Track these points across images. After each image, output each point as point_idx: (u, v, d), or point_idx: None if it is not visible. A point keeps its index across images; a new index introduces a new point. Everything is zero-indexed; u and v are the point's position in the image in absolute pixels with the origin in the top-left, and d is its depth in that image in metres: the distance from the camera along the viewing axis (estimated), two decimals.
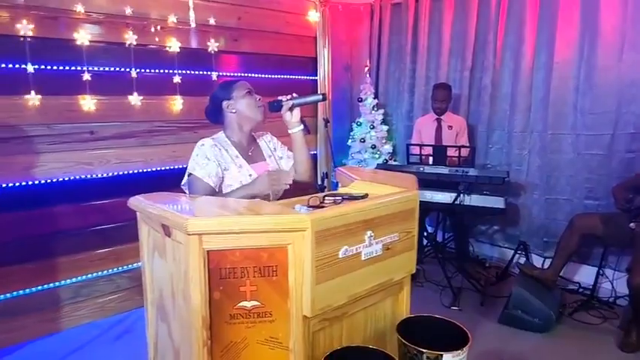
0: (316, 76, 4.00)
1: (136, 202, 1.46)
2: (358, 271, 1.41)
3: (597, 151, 3.26)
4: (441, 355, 1.31)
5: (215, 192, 1.77)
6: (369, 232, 1.41)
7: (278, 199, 1.74)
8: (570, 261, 3.10)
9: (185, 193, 1.87)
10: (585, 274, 3.31)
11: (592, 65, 3.25)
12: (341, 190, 1.81)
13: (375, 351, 1.37)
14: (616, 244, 2.98)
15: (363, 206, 1.40)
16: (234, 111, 1.88)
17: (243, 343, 1.31)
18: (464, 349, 1.34)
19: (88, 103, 2.73)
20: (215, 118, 1.94)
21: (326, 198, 1.52)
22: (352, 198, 1.53)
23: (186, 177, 1.85)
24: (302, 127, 1.90)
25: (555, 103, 3.43)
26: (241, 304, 1.29)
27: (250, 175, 1.84)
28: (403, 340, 1.37)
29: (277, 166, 1.98)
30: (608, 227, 2.83)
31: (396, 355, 1.40)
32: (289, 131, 1.91)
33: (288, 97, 1.85)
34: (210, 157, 1.78)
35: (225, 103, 1.88)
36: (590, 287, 3.17)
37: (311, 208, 1.39)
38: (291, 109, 1.85)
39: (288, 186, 1.73)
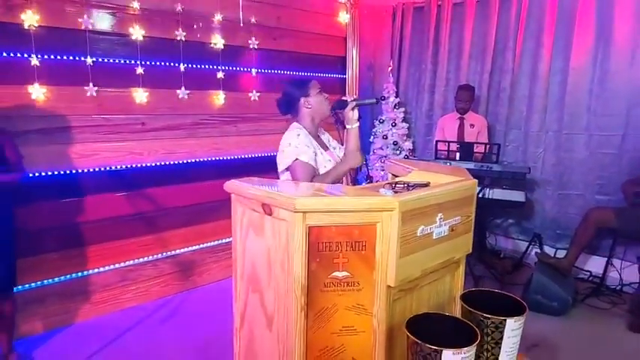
0: (344, 74, 4.19)
1: (233, 185, 1.64)
2: (430, 249, 1.60)
3: (609, 150, 3.51)
4: (505, 320, 1.51)
5: (317, 173, 2.03)
6: (439, 215, 1.61)
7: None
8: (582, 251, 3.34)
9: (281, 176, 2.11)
10: (595, 264, 3.55)
11: (605, 70, 3.49)
12: (403, 179, 2.00)
13: (448, 317, 1.57)
14: (628, 235, 3.23)
15: (436, 191, 1.59)
16: (309, 106, 2.13)
17: (334, 308, 1.50)
18: (523, 314, 1.54)
19: (140, 95, 2.89)
20: (287, 110, 2.19)
21: (397, 185, 1.71)
22: (419, 185, 1.71)
23: (288, 164, 2.05)
24: (358, 124, 2.16)
25: (570, 105, 3.67)
26: (334, 274, 1.48)
27: (329, 160, 2.09)
28: (469, 308, 1.57)
29: (336, 155, 2.24)
30: (621, 220, 3.07)
31: None
32: (348, 126, 2.15)
33: (351, 98, 2.10)
34: (308, 145, 2.04)
35: (302, 100, 2.13)
36: (600, 276, 3.42)
37: (392, 192, 1.58)
38: (353, 108, 2.10)
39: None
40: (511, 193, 3.40)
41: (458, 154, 3.43)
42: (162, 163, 3.08)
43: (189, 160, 3.20)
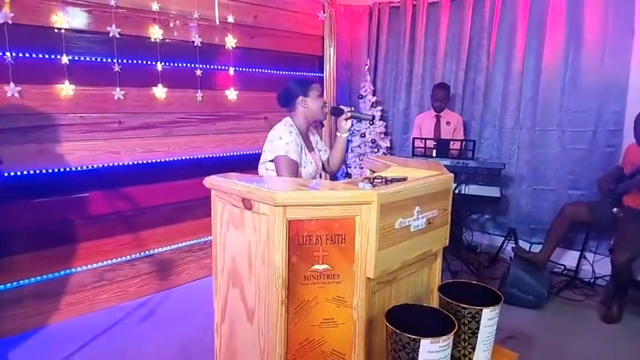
0: (322, 73, 4.21)
1: (213, 180, 1.63)
2: (408, 241, 1.63)
3: (581, 146, 3.62)
4: (481, 309, 1.55)
5: (299, 174, 2.11)
6: (417, 208, 1.64)
7: None
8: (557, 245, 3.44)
9: (260, 171, 2.18)
10: (569, 258, 3.66)
11: (576, 68, 3.61)
12: (382, 174, 2.03)
13: (426, 308, 1.60)
14: (601, 228, 3.34)
15: (414, 185, 1.63)
16: (305, 106, 2.20)
17: (314, 301, 1.52)
18: (499, 304, 1.59)
19: (117, 93, 2.84)
20: (284, 104, 2.26)
21: (375, 179, 1.74)
22: (396, 180, 1.74)
23: (275, 156, 2.11)
24: (349, 133, 2.32)
25: (543, 102, 3.77)
26: (314, 267, 1.50)
27: (311, 162, 2.16)
28: (447, 299, 1.60)
29: (318, 157, 2.32)
30: (594, 214, 3.18)
31: None
32: (338, 134, 2.30)
33: (348, 108, 2.24)
34: (298, 144, 2.12)
35: (301, 98, 2.20)
36: (574, 269, 3.53)
37: (371, 186, 1.61)
38: (347, 118, 2.23)
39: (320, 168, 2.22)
40: (486, 188, 3.47)
41: (434, 151, 3.50)
42: (140, 162, 3.04)
43: (166, 159, 3.17)
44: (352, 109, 2.29)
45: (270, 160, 2.16)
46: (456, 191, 3.41)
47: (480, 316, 1.56)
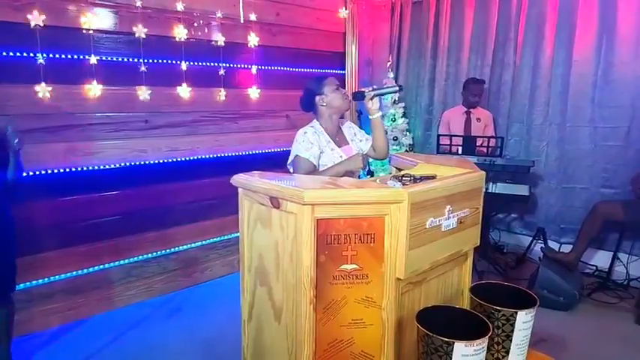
0: (344, 70, 4.18)
1: (241, 178, 1.63)
2: (439, 241, 1.59)
3: (614, 143, 3.49)
4: (516, 312, 1.50)
5: (315, 169, 2.08)
6: (448, 207, 1.60)
7: None
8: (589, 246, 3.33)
9: (289, 172, 2.15)
10: (601, 258, 3.54)
11: (609, 62, 3.47)
12: (410, 171, 1.99)
13: (458, 310, 1.56)
14: (636, 228, 3.21)
15: (446, 183, 1.58)
16: (325, 104, 2.17)
17: (343, 301, 1.49)
18: (534, 307, 1.53)
19: (143, 93, 2.87)
20: (308, 108, 2.24)
21: (404, 177, 1.70)
22: (426, 178, 1.70)
23: (291, 158, 2.14)
24: (381, 113, 2.22)
25: (574, 97, 3.65)
26: (343, 266, 1.47)
27: (341, 157, 2.12)
28: (479, 301, 1.56)
29: (358, 149, 2.28)
30: (629, 213, 3.05)
31: None
32: (370, 117, 2.20)
33: (369, 88, 2.15)
34: (312, 142, 2.09)
35: (317, 98, 2.17)
36: (606, 270, 3.40)
37: (401, 184, 1.57)
38: (372, 98, 2.13)
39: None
40: (515, 187, 3.38)
41: (460, 148, 3.42)
42: (165, 161, 3.07)
43: (190, 157, 3.20)
44: (373, 87, 2.19)
45: (290, 164, 2.18)
46: (483, 189, 3.33)
47: (515, 319, 1.50)
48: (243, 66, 3.42)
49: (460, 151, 3.43)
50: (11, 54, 2.43)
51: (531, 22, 3.84)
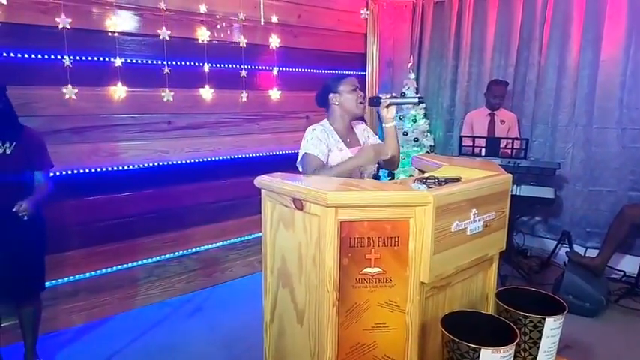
0: (364, 71, 4.16)
1: (264, 180, 1.63)
2: (464, 245, 1.56)
3: None
4: (544, 318, 1.46)
5: (324, 166, 2.01)
6: (473, 210, 1.57)
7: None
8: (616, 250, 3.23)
9: (299, 171, 2.10)
10: (629, 263, 3.43)
11: (638, 61, 3.38)
12: (434, 174, 1.96)
13: (484, 315, 1.53)
14: None
15: (472, 186, 1.56)
16: (337, 103, 2.11)
17: (366, 304, 1.48)
18: (563, 313, 1.49)
19: (166, 95, 2.91)
20: (322, 103, 2.19)
21: (428, 180, 1.68)
22: (451, 180, 1.67)
23: (301, 156, 2.09)
24: (395, 123, 2.13)
25: (600, 98, 3.56)
26: (366, 269, 1.46)
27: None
28: (506, 306, 1.52)
29: None
30: None
31: None
32: (384, 125, 2.13)
33: (388, 95, 2.06)
34: (321, 139, 2.04)
35: (331, 95, 2.11)
36: (635, 276, 3.30)
37: (426, 187, 1.55)
38: (388, 106, 2.06)
39: (388, 156, 2.03)
40: (540, 189, 3.30)
41: (484, 150, 3.36)
42: (187, 161, 3.11)
43: (212, 158, 3.23)
44: (392, 94, 2.11)
45: (299, 163, 2.12)
46: None
47: (543, 326, 1.47)
48: (264, 67, 3.43)
49: (483, 153, 3.37)
50: (39, 56, 2.49)
51: (557, 21, 3.76)
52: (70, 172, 2.64)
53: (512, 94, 4.08)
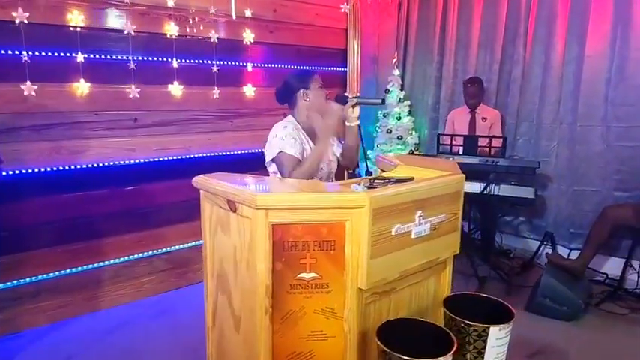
0: (346, 67, 4.07)
1: (201, 180, 1.56)
2: (408, 249, 1.49)
3: (628, 143, 3.28)
4: (488, 327, 1.39)
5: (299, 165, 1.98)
6: (419, 212, 1.49)
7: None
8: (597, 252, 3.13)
9: (269, 173, 2.08)
10: (612, 266, 3.33)
11: (624, 57, 3.27)
12: (385, 174, 1.88)
13: (425, 323, 1.45)
14: None
15: (415, 187, 1.48)
16: (307, 99, 2.08)
17: (302, 311, 1.41)
18: (509, 322, 1.41)
19: (132, 91, 2.84)
20: (283, 100, 2.15)
21: (375, 180, 1.60)
22: (400, 181, 1.60)
23: (273, 155, 2.02)
24: (358, 122, 2.11)
25: (586, 95, 3.45)
26: (301, 275, 1.39)
27: None
28: (450, 314, 1.45)
29: (331, 152, 2.19)
30: None
31: None
32: (347, 124, 2.10)
33: (354, 95, 2.03)
34: (295, 138, 2.01)
35: (302, 92, 2.08)
36: (617, 278, 3.20)
37: (366, 188, 1.47)
38: (354, 105, 2.04)
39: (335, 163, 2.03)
40: (519, 189, 3.21)
41: (461, 149, 3.27)
42: (155, 159, 3.03)
43: (183, 156, 3.15)
44: (358, 94, 2.15)
45: (271, 162, 2.07)
46: (485, 192, 3.18)
47: (487, 335, 1.39)
48: (238, 63, 3.35)
49: (461, 152, 3.28)
50: None
51: (542, 16, 3.66)
52: (30, 171, 2.58)
53: (496, 91, 3.98)
